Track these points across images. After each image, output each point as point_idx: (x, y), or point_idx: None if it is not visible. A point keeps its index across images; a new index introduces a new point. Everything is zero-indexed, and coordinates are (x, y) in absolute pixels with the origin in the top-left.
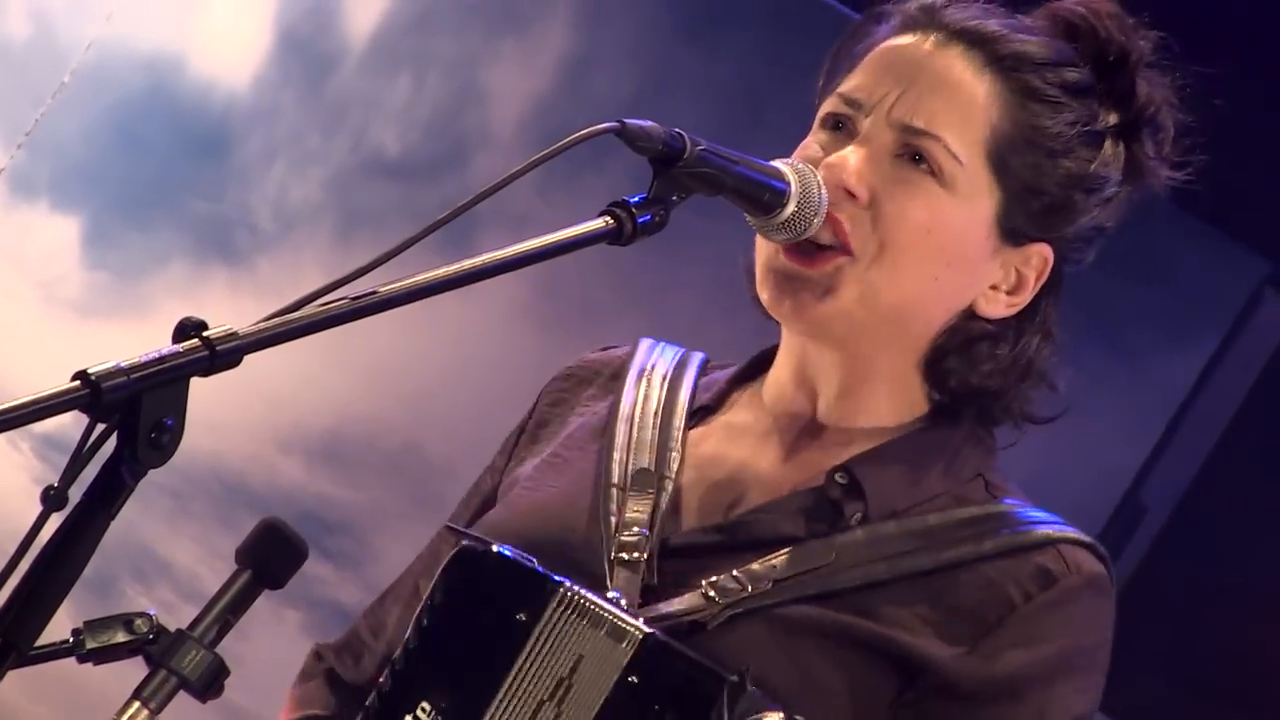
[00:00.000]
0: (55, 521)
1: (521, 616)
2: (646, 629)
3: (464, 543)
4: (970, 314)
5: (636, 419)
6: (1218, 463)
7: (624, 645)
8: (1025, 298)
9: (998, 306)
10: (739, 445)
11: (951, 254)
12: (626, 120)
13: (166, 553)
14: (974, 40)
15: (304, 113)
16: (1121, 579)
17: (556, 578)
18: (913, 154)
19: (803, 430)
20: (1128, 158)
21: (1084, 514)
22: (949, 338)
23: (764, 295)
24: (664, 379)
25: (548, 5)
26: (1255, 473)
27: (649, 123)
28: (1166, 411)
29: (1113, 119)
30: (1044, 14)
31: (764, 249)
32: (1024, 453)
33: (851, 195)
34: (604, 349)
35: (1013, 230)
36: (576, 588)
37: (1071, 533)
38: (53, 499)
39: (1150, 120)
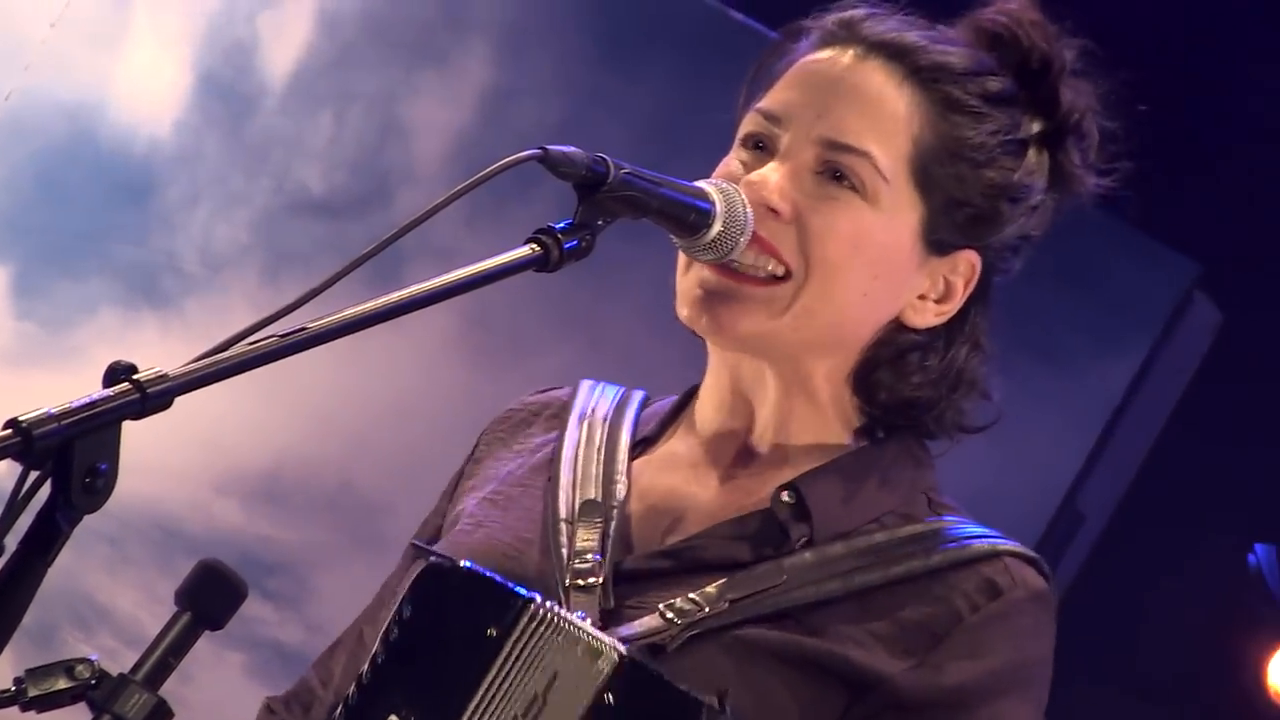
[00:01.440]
0: None
1: (492, 632)
2: (623, 649)
3: (432, 559)
4: (899, 325)
5: (581, 458)
6: (1154, 466)
7: (600, 664)
8: (954, 305)
9: (926, 316)
10: (679, 473)
11: (879, 268)
12: (549, 147)
13: (106, 599)
14: (893, 53)
15: (227, 155)
16: (1062, 585)
17: (527, 593)
18: (834, 170)
19: (739, 453)
20: (1053, 166)
21: (1022, 522)
22: (879, 350)
23: (682, 313)
24: (605, 420)
25: (467, 38)
26: (1192, 475)
27: (572, 148)
28: (1101, 417)
29: (1036, 127)
30: (967, 23)
31: (689, 271)
32: (961, 463)
33: (774, 212)
34: (543, 391)
35: (938, 241)
36: (549, 603)
37: (1016, 547)
38: None
39: (1075, 128)
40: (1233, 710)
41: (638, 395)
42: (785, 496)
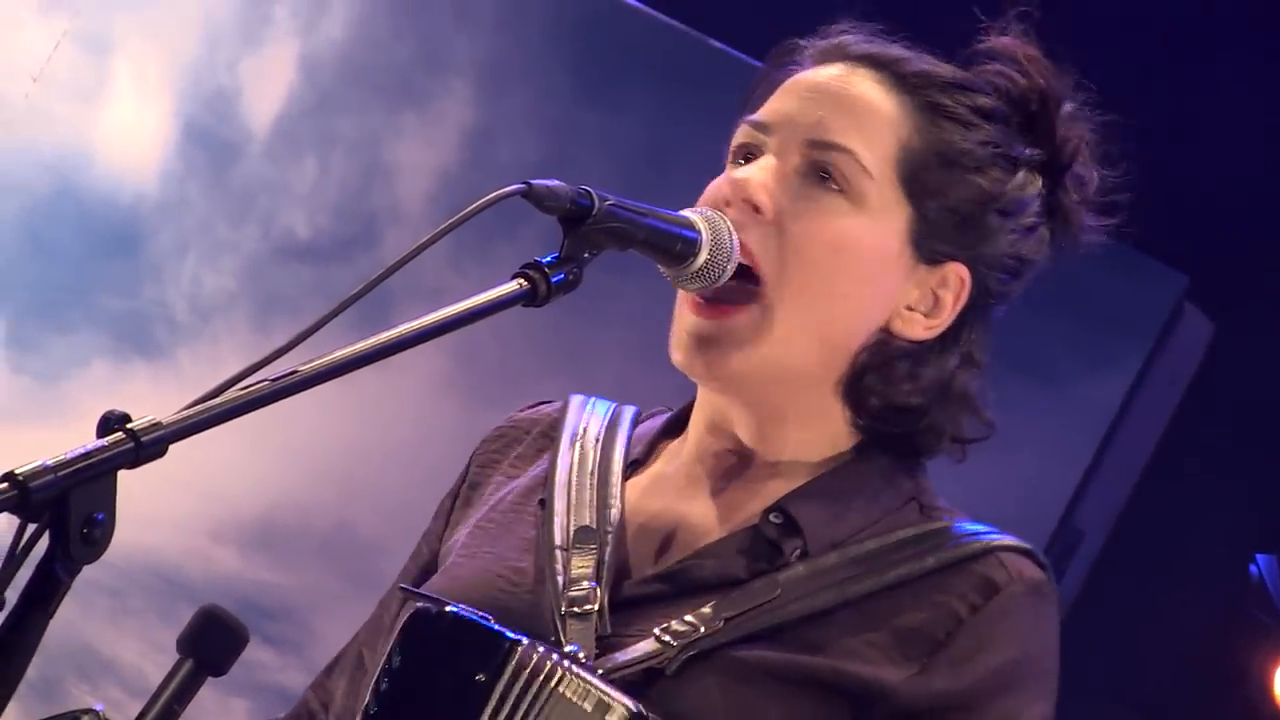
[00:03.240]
0: None
1: (481, 677)
2: (630, 703)
3: (418, 604)
4: (887, 334)
5: (574, 482)
6: (1151, 480)
7: (587, 706)
8: (944, 320)
9: (915, 328)
10: (671, 494)
11: (863, 271)
12: (532, 181)
13: (109, 651)
14: (879, 63)
15: (212, 202)
16: (1064, 603)
17: (513, 635)
18: (820, 171)
19: (729, 472)
20: (1050, 199)
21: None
22: (868, 355)
23: (675, 358)
24: (597, 440)
25: (447, 78)
26: (1190, 487)
27: (556, 182)
28: (1095, 434)
29: (1030, 152)
30: (968, 55)
31: (677, 311)
32: (957, 482)
33: (757, 211)
34: (533, 406)
35: (926, 247)
36: (536, 644)
37: (1010, 540)
38: None
39: (1070, 163)
40: None
41: (629, 412)
42: (773, 518)
